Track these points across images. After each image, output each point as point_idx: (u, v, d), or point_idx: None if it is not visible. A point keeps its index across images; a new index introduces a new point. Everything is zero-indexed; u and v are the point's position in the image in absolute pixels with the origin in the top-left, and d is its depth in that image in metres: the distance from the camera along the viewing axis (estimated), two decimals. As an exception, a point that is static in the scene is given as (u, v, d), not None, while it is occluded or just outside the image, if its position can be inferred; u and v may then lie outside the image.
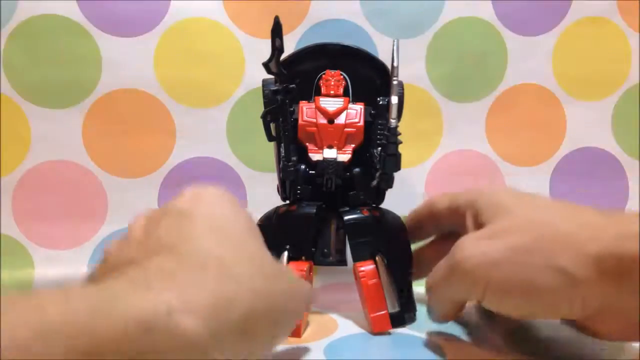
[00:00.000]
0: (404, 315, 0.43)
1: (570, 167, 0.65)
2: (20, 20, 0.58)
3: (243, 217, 0.31)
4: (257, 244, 0.31)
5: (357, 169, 0.44)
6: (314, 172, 0.44)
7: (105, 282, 0.24)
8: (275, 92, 0.42)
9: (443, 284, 0.37)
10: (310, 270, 0.44)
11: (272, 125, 0.44)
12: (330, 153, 0.43)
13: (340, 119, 0.44)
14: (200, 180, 0.61)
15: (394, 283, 0.43)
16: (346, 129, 0.44)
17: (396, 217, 0.46)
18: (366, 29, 0.61)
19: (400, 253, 0.44)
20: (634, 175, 0.65)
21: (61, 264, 0.59)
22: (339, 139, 0.44)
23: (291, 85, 0.42)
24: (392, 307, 0.43)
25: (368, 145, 0.45)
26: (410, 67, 0.62)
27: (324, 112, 0.44)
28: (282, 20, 0.41)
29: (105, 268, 0.30)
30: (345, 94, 0.45)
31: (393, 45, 0.41)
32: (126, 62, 0.59)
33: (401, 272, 0.44)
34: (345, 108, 0.44)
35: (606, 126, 0.65)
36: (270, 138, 0.44)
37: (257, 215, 0.50)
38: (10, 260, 0.58)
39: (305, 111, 0.45)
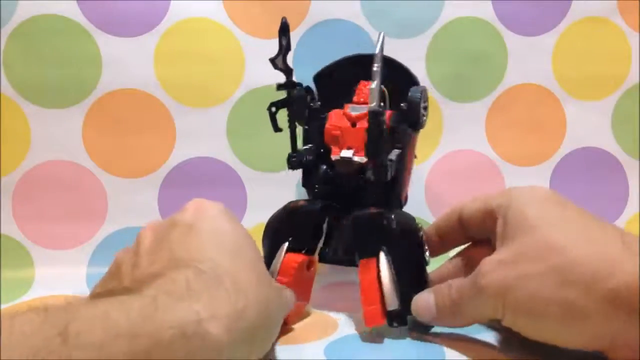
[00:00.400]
0: (406, 315, 0.43)
1: (570, 167, 0.65)
2: (20, 20, 0.58)
3: (241, 231, 0.35)
4: (255, 255, 0.35)
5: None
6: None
7: (144, 290, 0.28)
8: (280, 86, 0.44)
9: (466, 303, 0.38)
10: (310, 265, 0.45)
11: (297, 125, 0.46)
12: (347, 153, 0.45)
13: (364, 123, 0.44)
14: (200, 180, 0.61)
15: (397, 281, 0.43)
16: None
17: (409, 217, 0.46)
18: (366, 29, 0.61)
19: (407, 252, 0.44)
20: (634, 175, 0.65)
21: (61, 264, 0.59)
22: (360, 142, 0.44)
23: (298, 82, 0.44)
24: (393, 304, 0.42)
25: None
26: (410, 67, 0.62)
27: (348, 116, 0.45)
28: (282, 20, 0.42)
29: (119, 275, 0.33)
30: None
31: (378, 37, 0.42)
32: (126, 62, 0.59)
33: (408, 272, 0.43)
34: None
35: (606, 126, 0.65)
36: (276, 129, 0.45)
37: (257, 216, 0.51)
38: (10, 260, 0.58)
39: (333, 117, 0.46)
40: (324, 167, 0.46)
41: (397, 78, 0.47)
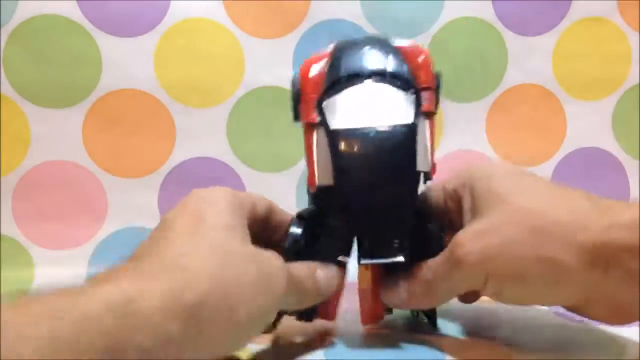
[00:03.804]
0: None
1: (570, 167, 0.65)
2: (20, 20, 0.58)
3: (218, 213, 0.33)
4: (228, 235, 0.32)
5: None
6: None
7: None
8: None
9: (440, 279, 0.37)
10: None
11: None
12: None
13: None
14: (200, 180, 0.61)
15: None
16: None
17: None
18: (366, 29, 0.61)
19: None
20: (634, 175, 0.65)
21: (61, 264, 0.59)
22: None
23: None
24: None
25: None
26: (410, 67, 0.62)
27: None
28: (282, 20, 0.41)
29: None
30: None
31: None
32: (126, 62, 0.60)
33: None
34: None
35: (606, 126, 0.65)
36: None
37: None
38: (10, 260, 0.58)
39: None
40: None
41: None
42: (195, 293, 0.27)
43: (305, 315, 0.41)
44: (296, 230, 0.39)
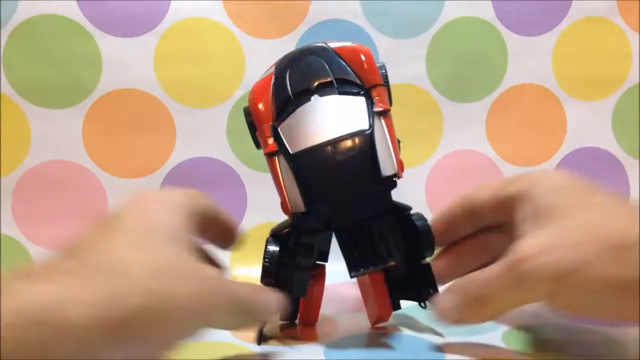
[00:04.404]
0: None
1: (571, 167, 0.65)
2: (20, 20, 0.58)
3: (170, 222, 0.32)
4: (173, 248, 0.31)
5: None
6: None
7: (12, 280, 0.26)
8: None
9: (501, 294, 0.36)
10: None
11: None
12: None
13: None
14: (200, 180, 0.61)
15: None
16: None
17: None
18: (366, 29, 0.61)
19: None
20: (634, 175, 0.65)
21: (61, 264, 0.59)
22: None
23: None
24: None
25: None
26: (410, 67, 0.62)
27: None
28: (282, 20, 0.41)
29: None
30: None
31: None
32: (126, 62, 0.60)
33: None
34: None
35: (606, 126, 0.65)
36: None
37: (257, 216, 0.50)
38: (10, 260, 0.58)
39: None
40: None
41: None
42: (125, 308, 0.26)
43: (289, 315, 0.42)
44: (274, 248, 0.39)
